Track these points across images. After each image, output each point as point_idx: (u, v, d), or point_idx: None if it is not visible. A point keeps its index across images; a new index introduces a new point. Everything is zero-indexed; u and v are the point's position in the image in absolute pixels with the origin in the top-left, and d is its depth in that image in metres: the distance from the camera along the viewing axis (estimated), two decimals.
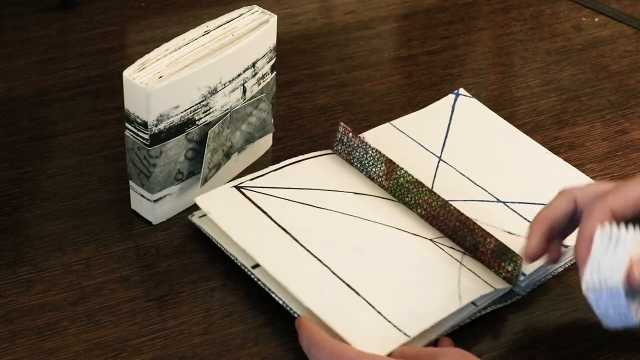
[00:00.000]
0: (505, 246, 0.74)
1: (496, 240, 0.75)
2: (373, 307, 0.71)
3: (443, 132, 0.90)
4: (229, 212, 0.78)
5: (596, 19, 1.11)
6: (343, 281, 0.73)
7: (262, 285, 0.74)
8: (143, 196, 0.79)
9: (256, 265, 0.75)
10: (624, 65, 1.03)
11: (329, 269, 0.74)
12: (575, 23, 1.10)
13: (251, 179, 0.82)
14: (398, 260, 0.76)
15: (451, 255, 0.76)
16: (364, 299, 0.72)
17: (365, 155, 0.83)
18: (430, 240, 0.78)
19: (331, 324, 0.69)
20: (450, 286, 0.73)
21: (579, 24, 1.10)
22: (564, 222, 0.71)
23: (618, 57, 1.05)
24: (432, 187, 0.83)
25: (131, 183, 0.80)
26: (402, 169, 0.81)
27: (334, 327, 0.69)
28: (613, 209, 0.67)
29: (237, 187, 0.81)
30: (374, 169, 0.83)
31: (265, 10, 0.81)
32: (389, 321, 0.70)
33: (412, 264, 0.75)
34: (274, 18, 0.81)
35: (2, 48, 1.01)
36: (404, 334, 0.69)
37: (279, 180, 0.83)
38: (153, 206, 0.79)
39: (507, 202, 0.82)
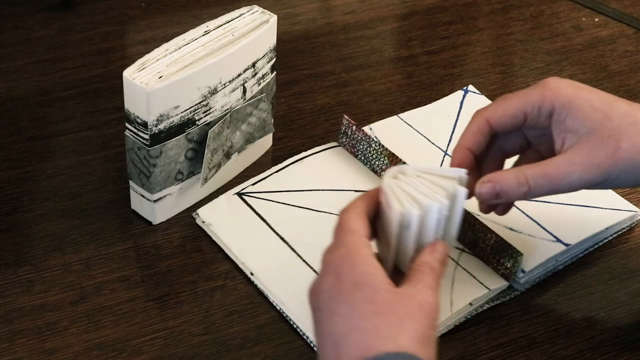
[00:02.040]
0: (506, 242, 0.74)
1: (497, 235, 0.75)
2: None
3: (450, 127, 0.90)
4: (230, 223, 0.79)
5: (596, 19, 1.11)
6: None
7: (261, 289, 0.75)
8: (143, 196, 0.79)
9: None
10: (624, 65, 1.03)
11: None
12: (575, 23, 1.10)
13: (253, 184, 0.83)
14: None
15: (448, 255, 0.76)
16: None
17: (368, 149, 0.84)
18: None
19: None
20: (443, 292, 0.73)
21: (579, 24, 1.10)
22: (482, 143, 0.71)
23: (618, 57, 1.05)
24: None
25: (131, 183, 0.80)
26: (404, 163, 0.81)
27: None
28: (489, 120, 0.70)
29: (240, 194, 0.81)
30: (377, 162, 0.83)
31: (265, 10, 0.81)
32: None
33: None
34: (274, 18, 0.81)
35: (2, 48, 1.01)
36: None
37: (282, 182, 0.83)
38: (153, 206, 0.79)
39: None
